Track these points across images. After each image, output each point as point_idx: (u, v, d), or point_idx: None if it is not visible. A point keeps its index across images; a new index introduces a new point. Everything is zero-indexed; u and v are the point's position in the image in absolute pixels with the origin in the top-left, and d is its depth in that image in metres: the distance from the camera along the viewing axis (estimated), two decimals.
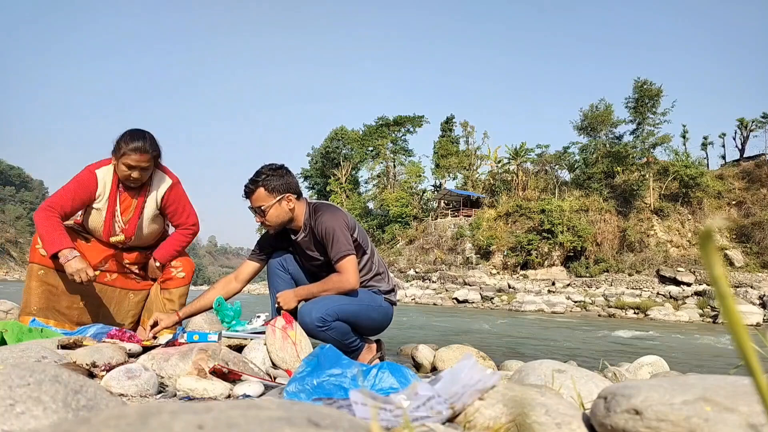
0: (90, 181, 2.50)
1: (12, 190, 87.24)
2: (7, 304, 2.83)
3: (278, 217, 2.32)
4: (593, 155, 34.85)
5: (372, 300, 2.36)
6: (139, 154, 2.43)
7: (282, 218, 2.33)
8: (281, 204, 2.29)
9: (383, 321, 2.42)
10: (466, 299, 24.99)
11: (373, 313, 2.34)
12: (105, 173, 2.53)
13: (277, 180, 2.28)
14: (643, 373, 2.36)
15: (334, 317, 2.16)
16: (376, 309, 2.36)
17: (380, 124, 47.28)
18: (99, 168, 2.53)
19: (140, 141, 2.45)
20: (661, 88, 32.80)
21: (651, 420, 0.79)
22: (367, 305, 2.32)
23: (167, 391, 1.48)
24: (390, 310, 2.45)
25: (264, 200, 2.28)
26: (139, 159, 2.44)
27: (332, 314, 2.16)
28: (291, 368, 1.77)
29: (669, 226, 30.58)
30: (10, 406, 0.72)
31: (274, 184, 2.28)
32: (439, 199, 41.34)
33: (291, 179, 2.34)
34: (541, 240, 31.01)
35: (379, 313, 2.38)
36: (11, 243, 77.31)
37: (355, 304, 2.27)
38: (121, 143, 2.44)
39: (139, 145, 2.43)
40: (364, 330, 2.38)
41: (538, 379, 1.34)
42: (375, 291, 2.41)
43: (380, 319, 2.39)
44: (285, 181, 2.30)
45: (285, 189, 2.29)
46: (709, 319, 19.22)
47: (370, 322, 2.36)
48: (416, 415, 0.92)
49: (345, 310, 2.22)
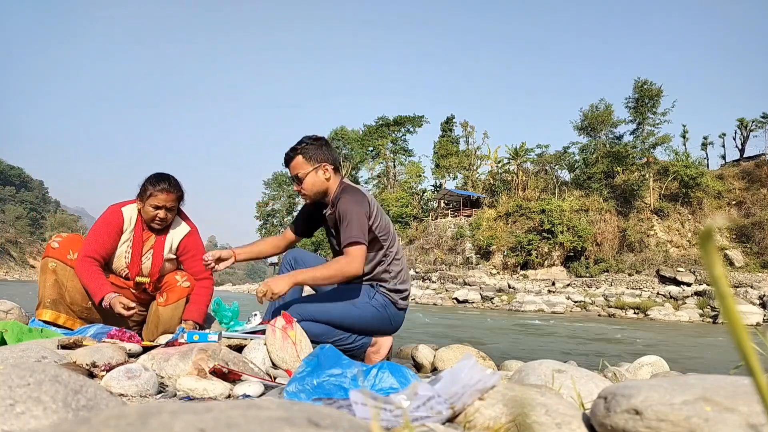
0: (117, 218, 2.63)
1: (12, 190, 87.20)
2: (7, 304, 2.82)
3: (314, 186, 2.37)
4: (593, 155, 34.85)
5: (355, 297, 2.30)
6: (165, 194, 2.59)
7: (318, 187, 2.37)
8: (317, 173, 2.35)
9: (376, 317, 2.34)
10: (466, 299, 24.99)
11: (355, 310, 2.28)
12: (130, 211, 2.67)
13: (315, 149, 2.35)
14: (643, 373, 2.36)
15: (309, 318, 2.15)
16: (361, 305, 2.30)
17: (380, 124, 47.28)
18: (124, 206, 2.67)
19: (166, 182, 2.61)
20: (661, 88, 32.82)
21: (651, 420, 0.79)
22: (345, 302, 2.27)
23: (167, 391, 1.48)
24: (389, 307, 2.37)
25: (301, 167, 2.34)
26: (166, 198, 2.59)
27: (303, 315, 2.15)
28: (291, 368, 1.77)
29: (669, 226, 30.58)
30: (10, 406, 0.72)
31: (312, 152, 2.34)
32: (439, 199, 41.34)
33: (329, 151, 2.39)
34: (541, 240, 31.00)
35: (367, 310, 2.30)
36: (11, 243, 77.27)
37: (330, 303, 2.25)
38: (148, 185, 2.59)
39: (165, 186, 2.60)
40: (353, 328, 2.32)
41: (538, 379, 1.34)
42: (373, 285, 2.36)
43: (369, 315, 2.31)
44: (323, 152, 2.36)
45: (322, 158, 2.35)
46: (709, 319, 19.22)
47: (355, 319, 2.29)
48: (416, 415, 0.92)
49: (317, 309, 2.20)
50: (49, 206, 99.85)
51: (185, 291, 2.73)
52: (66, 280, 2.57)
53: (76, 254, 2.60)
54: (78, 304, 2.59)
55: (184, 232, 2.77)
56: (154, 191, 2.57)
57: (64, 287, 2.57)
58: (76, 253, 2.60)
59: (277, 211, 55.41)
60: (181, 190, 2.68)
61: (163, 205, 2.59)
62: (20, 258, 76.49)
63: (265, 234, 54.69)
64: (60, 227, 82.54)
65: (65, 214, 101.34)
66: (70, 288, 2.57)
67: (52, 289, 2.55)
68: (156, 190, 2.57)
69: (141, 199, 2.62)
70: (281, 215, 55.08)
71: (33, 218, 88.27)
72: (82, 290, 2.59)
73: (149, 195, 2.58)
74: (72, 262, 2.58)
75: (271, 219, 55.38)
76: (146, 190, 2.59)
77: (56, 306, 2.55)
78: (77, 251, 2.60)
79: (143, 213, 2.63)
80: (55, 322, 2.53)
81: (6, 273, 66.01)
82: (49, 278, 2.56)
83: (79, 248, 2.59)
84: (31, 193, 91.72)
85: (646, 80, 33.16)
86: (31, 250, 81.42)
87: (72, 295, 2.57)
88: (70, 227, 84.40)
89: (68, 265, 2.58)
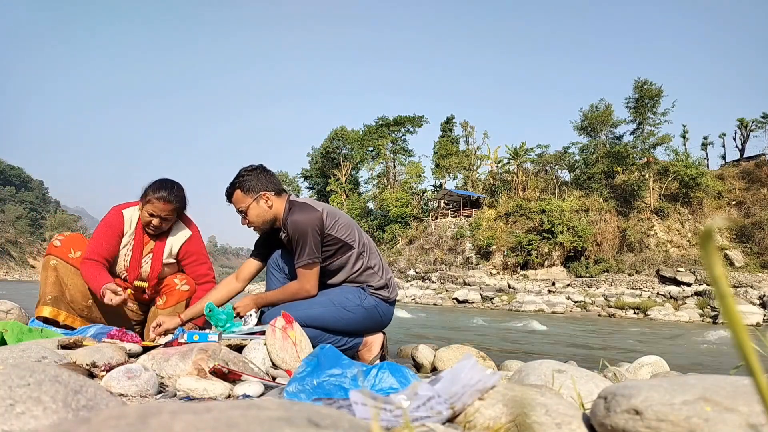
0: (118, 221, 2.61)
1: (12, 191, 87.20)
2: (8, 304, 2.83)
3: (259, 217, 2.34)
4: (593, 155, 34.85)
5: (346, 300, 2.29)
6: (162, 203, 2.52)
7: (263, 217, 2.34)
8: (259, 203, 2.32)
9: (367, 319, 2.34)
10: (466, 299, 24.98)
11: (347, 313, 2.28)
12: (132, 214, 2.64)
13: (252, 180, 2.32)
14: (643, 373, 2.36)
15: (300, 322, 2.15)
16: (352, 308, 2.29)
17: (380, 124, 47.26)
18: (126, 208, 2.65)
19: (166, 191, 2.55)
20: (661, 88, 32.83)
21: (651, 420, 0.78)
22: (337, 306, 2.27)
23: (167, 391, 1.48)
24: (379, 306, 2.36)
25: (242, 201, 2.33)
26: (162, 208, 2.53)
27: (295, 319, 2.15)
28: (291, 368, 1.76)
29: (669, 226, 30.57)
30: (10, 406, 0.72)
31: (249, 184, 2.32)
32: (439, 199, 41.33)
33: (268, 177, 2.36)
34: (541, 240, 30.99)
35: (359, 312, 2.30)
36: (11, 243, 77.26)
37: (321, 307, 2.24)
38: (149, 190, 2.55)
39: (164, 194, 2.53)
40: (345, 331, 2.31)
41: (538, 379, 1.34)
42: (363, 288, 2.35)
43: (360, 318, 2.31)
44: (260, 180, 2.33)
45: (261, 188, 2.32)
46: (709, 319, 19.22)
47: (347, 322, 2.29)
48: (416, 415, 0.92)
49: (308, 314, 2.19)
50: (49, 206, 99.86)
51: (185, 294, 2.71)
52: (67, 278, 2.57)
53: (78, 253, 2.60)
54: (78, 303, 2.59)
55: (185, 237, 2.72)
56: (153, 198, 2.52)
57: (65, 285, 2.57)
58: (78, 252, 2.60)
59: None
60: (182, 202, 2.62)
61: (158, 214, 2.53)
62: (20, 258, 76.48)
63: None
64: (60, 227, 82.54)
65: (65, 214, 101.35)
66: (71, 286, 2.58)
67: (53, 286, 2.55)
68: (155, 197, 2.52)
69: (141, 201, 2.58)
70: None
71: (33, 218, 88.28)
72: (82, 288, 2.59)
73: (147, 200, 2.53)
74: (74, 260, 2.58)
75: None
76: (146, 195, 2.55)
77: (57, 303, 2.54)
78: (79, 250, 2.60)
79: (141, 216, 2.60)
80: (55, 318, 2.53)
81: (6, 273, 65.98)
82: (50, 275, 2.55)
83: (82, 248, 2.58)
84: (31, 193, 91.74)
85: (646, 80, 33.17)
86: (31, 250, 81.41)
87: (72, 293, 2.58)
88: (70, 227, 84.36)
89: (69, 263, 2.58)
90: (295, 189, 54.27)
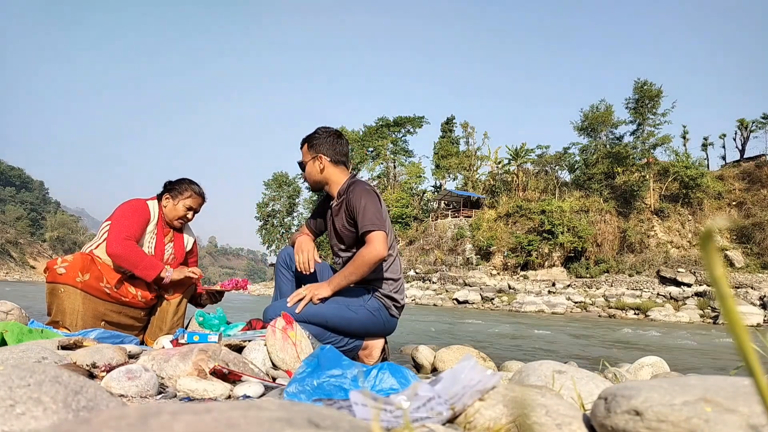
0: (144, 209, 2.76)
1: (12, 191, 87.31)
2: (8, 305, 2.82)
3: (310, 175, 2.46)
4: (593, 156, 34.85)
5: (350, 300, 2.28)
6: (200, 198, 2.87)
7: (313, 177, 2.46)
8: (314, 163, 2.43)
9: (369, 321, 2.32)
10: (467, 300, 24.98)
11: (349, 313, 2.26)
12: (153, 206, 2.81)
13: (320, 141, 2.43)
14: (643, 373, 2.35)
15: (302, 319, 2.15)
16: (355, 308, 2.28)
17: (380, 125, 47.30)
18: (147, 201, 2.81)
19: (199, 187, 2.87)
20: (661, 88, 32.84)
21: (651, 421, 0.78)
22: (340, 304, 2.26)
23: (167, 392, 1.48)
24: (382, 313, 2.34)
25: (304, 155, 2.47)
26: (199, 202, 2.87)
27: (297, 316, 2.14)
28: (291, 369, 1.76)
29: (669, 226, 30.57)
30: (10, 406, 0.72)
31: (315, 142, 2.43)
32: (439, 199, 41.35)
33: (333, 145, 2.44)
34: (542, 241, 30.99)
35: (362, 313, 2.29)
36: (11, 243, 77.27)
37: (328, 305, 2.23)
38: (187, 186, 2.83)
39: (200, 190, 2.86)
40: (346, 331, 2.30)
41: (539, 380, 1.34)
42: (372, 290, 2.34)
43: (363, 318, 2.29)
44: (324, 144, 2.43)
45: (322, 150, 2.42)
46: (710, 320, 19.22)
47: (348, 321, 2.27)
48: (416, 415, 0.92)
49: (314, 311, 2.19)
50: (50, 207, 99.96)
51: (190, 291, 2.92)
52: (77, 304, 2.52)
53: (87, 275, 2.53)
54: (90, 324, 2.56)
55: (193, 238, 3.01)
56: (193, 193, 2.81)
57: (77, 312, 2.53)
58: (87, 274, 2.54)
59: (277, 211, 55.41)
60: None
61: (195, 207, 2.83)
62: (20, 259, 76.49)
63: (265, 234, 54.86)
64: (60, 228, 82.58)
65: (65, 214, 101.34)
66: (83, 310, 2.53)
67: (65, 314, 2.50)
68: (195, 192, 2.81)
69: (172, 197, 2.78)
70: (281, 216, 55.10)
71: (33, 219, 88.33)
72: (96, 309, 2.56)
73: (187, 195, 2.80)
74: (82, 284, 2.52)
75: (271, 219, 55.39)
76: (184, 190, 2.80)
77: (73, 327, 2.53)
78: (87, 272, 2.54)
79: (171, 210, 2.79)
80: None
81: (6, 274, 66.00)
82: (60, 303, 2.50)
83: (89, 270, 2.53)
84: (31, 194, 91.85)
85: (646, 81, 33.18)
86: (31, 250, 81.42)
87: (86, 318, 2.53)
88: (70, 228, 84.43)
89: (79, 288, 2.52)
90: (295, 189, 54.37)
